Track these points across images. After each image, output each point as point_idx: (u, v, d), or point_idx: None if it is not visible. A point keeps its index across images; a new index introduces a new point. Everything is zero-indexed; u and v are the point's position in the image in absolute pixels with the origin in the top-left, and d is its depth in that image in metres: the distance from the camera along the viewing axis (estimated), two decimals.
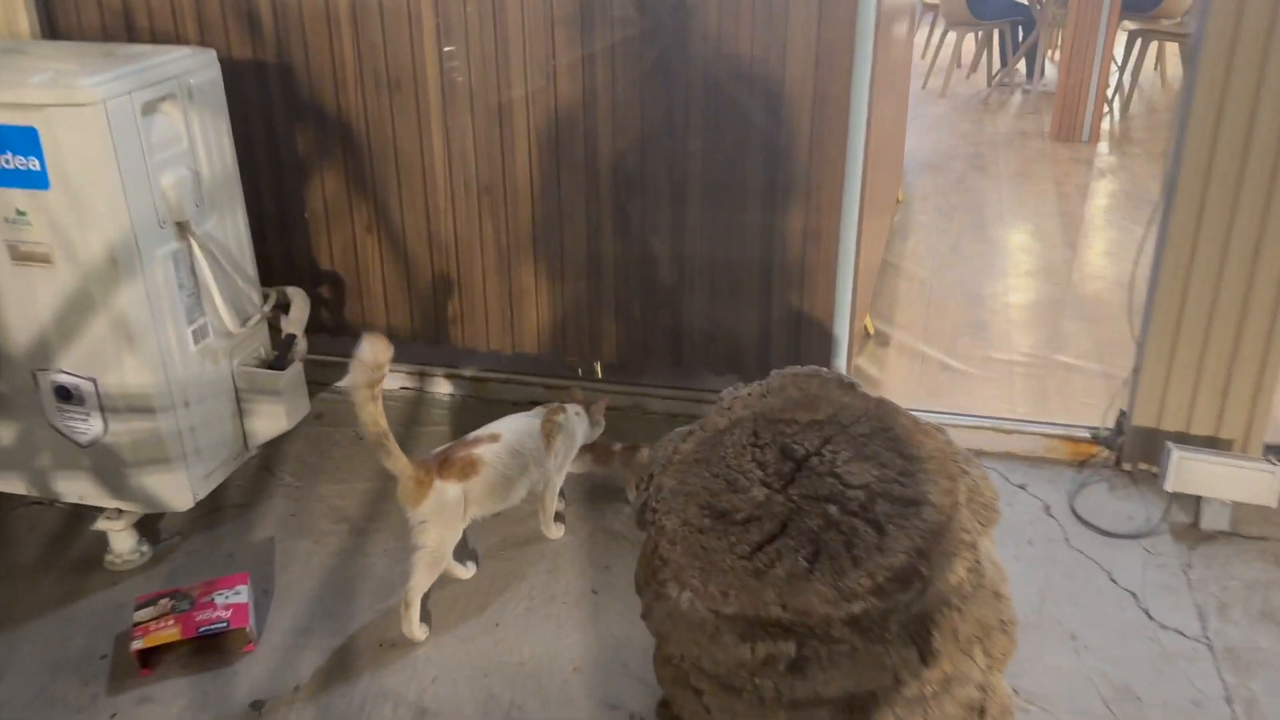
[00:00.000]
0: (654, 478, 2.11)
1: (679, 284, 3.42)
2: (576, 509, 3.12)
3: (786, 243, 3.28)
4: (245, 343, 3.06)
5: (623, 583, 2.81)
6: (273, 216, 3.69)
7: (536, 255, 3.51)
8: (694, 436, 2.12)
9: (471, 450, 2.68)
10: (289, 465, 3.35)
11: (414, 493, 2.57)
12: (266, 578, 2.86)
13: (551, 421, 2.87)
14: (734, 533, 1.90)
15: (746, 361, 3.47)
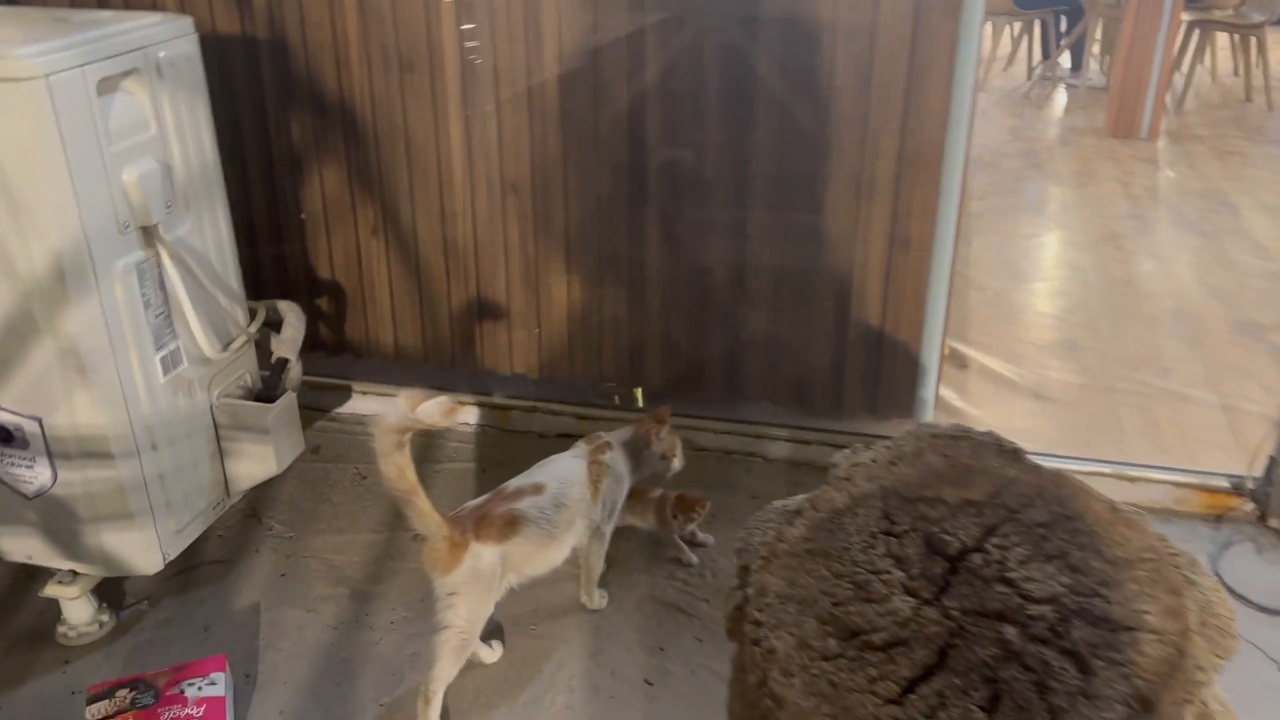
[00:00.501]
0: (749, 573, 1.61)
1: (737, 299, 2.92)
2: (618, 570, 2.61)
3: (868, 251, 2.77)
4: (227, 370, 2.56)
5: (683, 671, 2.31)
6: (263, 218, 3.19)
7: (570, 264, 3.01)
8: (803, 518, 1.62)
9: (512, 506, 2.19)
10: (279, 510, 2.85)
11: (445, 558, 2.08)
12: (249, 657, 2.36)
13: (597, 462, 2.37)
14: (874, 663, 1.40)
15: (815, 391, 2.97)
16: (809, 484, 2.94)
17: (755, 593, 1.54)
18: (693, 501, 2.56)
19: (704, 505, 2.57)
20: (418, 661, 2.34)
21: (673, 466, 2.51)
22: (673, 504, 2.55)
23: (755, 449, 3.02)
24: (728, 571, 2.58)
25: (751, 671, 1.47)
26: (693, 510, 2.55)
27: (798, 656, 1.44)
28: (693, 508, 2.56)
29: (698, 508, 2.56)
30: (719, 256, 2.89)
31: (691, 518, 2.57)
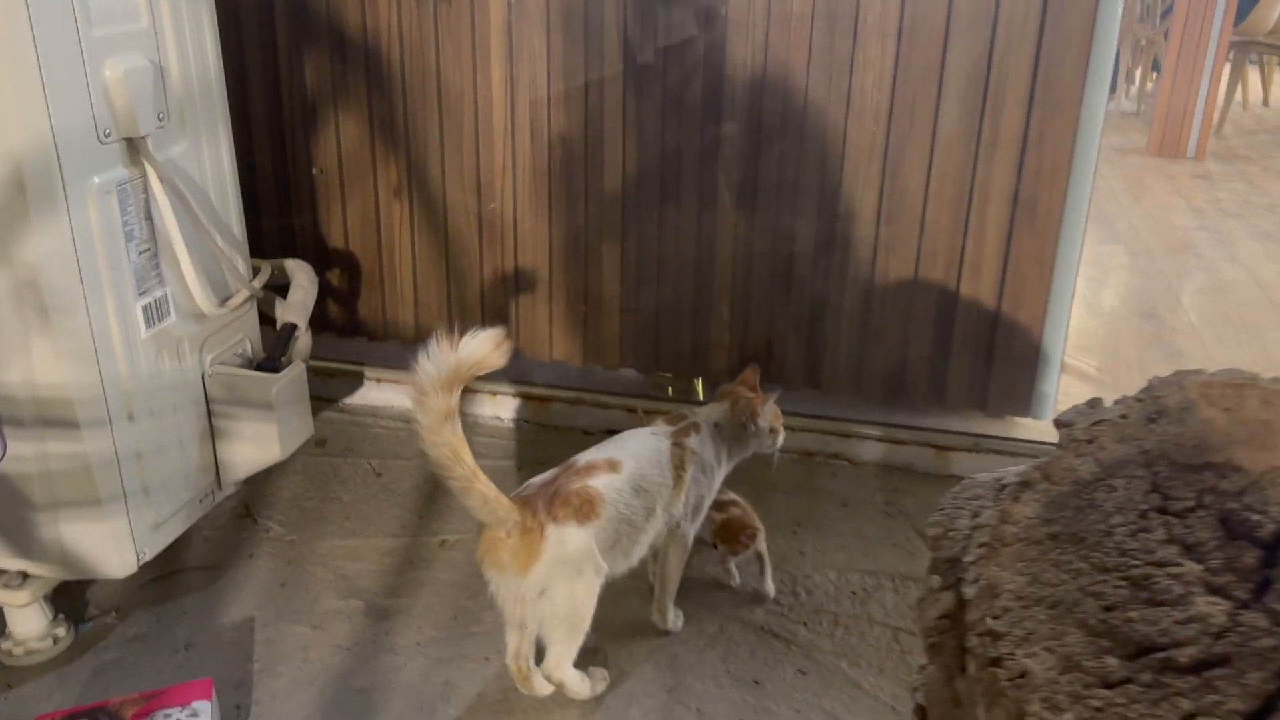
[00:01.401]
0: (960, 566, 1.16)
1: (819, 274, 2.49)
2: (691, 585, 2.16)
3: (985, 215, 2.35)
4: (223, 333, 2.10)
5: (786, 711, 1.84)
6: (269, 174, 2.75)
7: (625, 234, 2.58)
8: (1033, 492, 1.17)
9: (587, 482, 1.74)
10: (278, 510, 2.38)
11: (521, 551, 1.69)
12: (241, 685, 1.88)
13: (681, 445, 1.92)
14: (1183, 691, 0.96)
15: (912, 384, 2.53)
16: (908, 490, 2.51)
17: (980, 594, 1.09)
18: (737, 530, 2.05)
19: (753, 536, 2.06)
20: (452, 693, 1.87)
21: (778, 443, 2.07)
22: (717, 529, 2.08)
23: (841, 450, 2.58)
24: (824, 589, 2.13)
25: (992, 705, 1.02)
26: (735, 541, 2.06)
27: (1065, 683, 0.99)
28: (735, 538, 2.06)
29: (743, 539, 2.05)
30: (799, 223, 2.46)
31: (735, 550, 2.07)
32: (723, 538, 2.05)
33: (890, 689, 1.89)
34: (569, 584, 1.73)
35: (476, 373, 1.62)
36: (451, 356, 1.58)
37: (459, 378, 1.59)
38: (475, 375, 1.62)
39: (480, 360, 1.60)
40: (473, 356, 1.59)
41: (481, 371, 1.63)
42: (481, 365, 1.61)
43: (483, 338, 1.60)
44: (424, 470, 2.54)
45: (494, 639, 2.00)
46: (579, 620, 1.76)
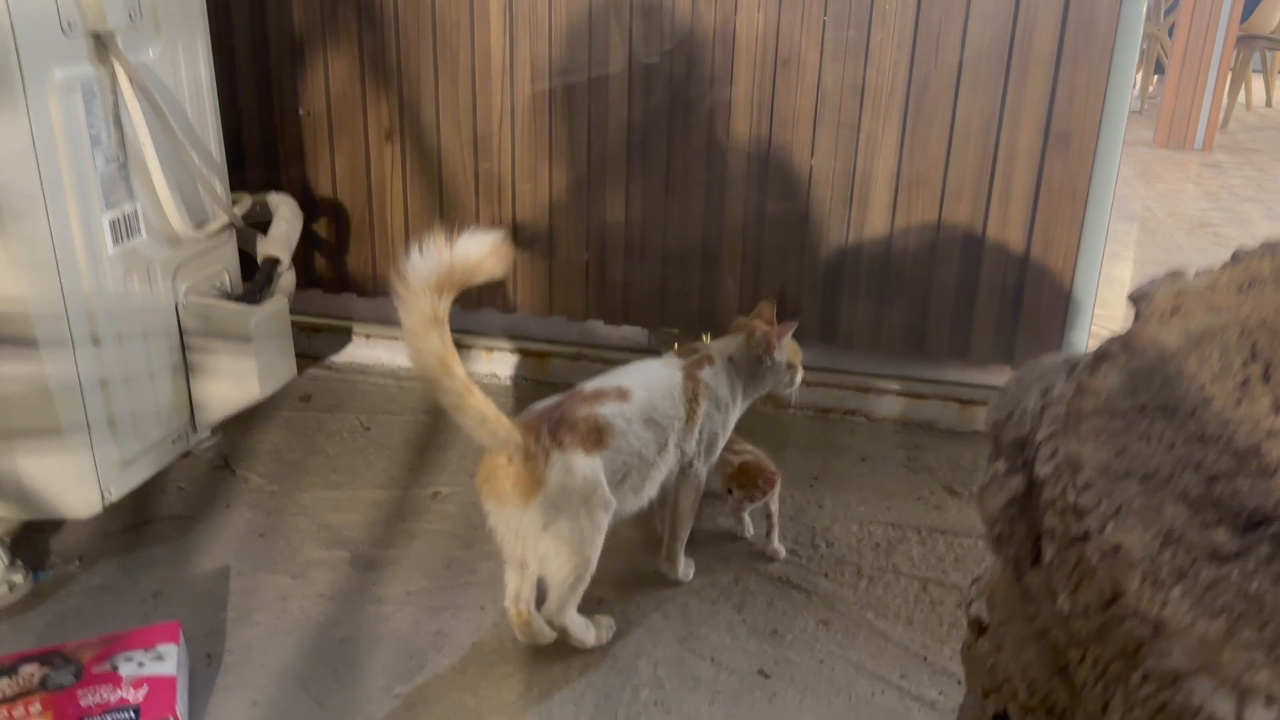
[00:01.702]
0: (1030, 447, 1.01)
1: (835, 219, 2.34)
2: (703, 536, 2.00)
3: (1014, 147, 2.21)
4: (200, 261, 1.96)
5: (808, 661, 1.69)
6: (252, 114, 2.60)
7: (630, 181, 2.43)
8: (1112, 364, 1.02)
9: (595, 409, 1.59)
10: (259, 462, 2.22)
11: (523, 478, 1.54)
12: (213, 633, 1.72)
13: (694, 378, 1.77)
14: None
15: (935, 334, 2.39)
16: (930, 446, 2.36)
17: (1058, 470, 0.94)
18: (755, 474, 1.89)
19: (772, 481, 1.89)
20: (445, 642, 1.71)
21: (797, 380, 1.92)
22: (734, 472, 1.92)
23: (858, 406, 2.43)
24: (845, 541, 1.97)
25: (1079, 587, 0.86)
26: (753, 486, 1.89)
27: (1168, 557, 0.84)
28: (753, 482, 1.89)
29: (761, 484, 1.89)
30: (815, 162, 2.32)
31: (752, 496, 1.90)
32: (740, 482, 1.90)
33: (921, 640, 1.73)
34: (574, 518, 1.57)
35: (472, 278, 1.47)
36: (445, 255, 1.43)
37: (452, 280, 1.44)
38: (470, 281, 1.47)
39: (476, 263, 1.46)
40: (468, 258, 1.45)
41: (477, 278, 1.48)
42: (477, 269, 1.46)
43: (481, 238, 1.46)
44: (417, 425, 2.38)
45: (491, 588, 1.84)
46: (584, 560, 1.60)
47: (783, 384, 1.91)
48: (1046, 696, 0.91)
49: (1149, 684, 0.77)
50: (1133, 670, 0.79)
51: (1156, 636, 0.78)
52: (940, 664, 1.68)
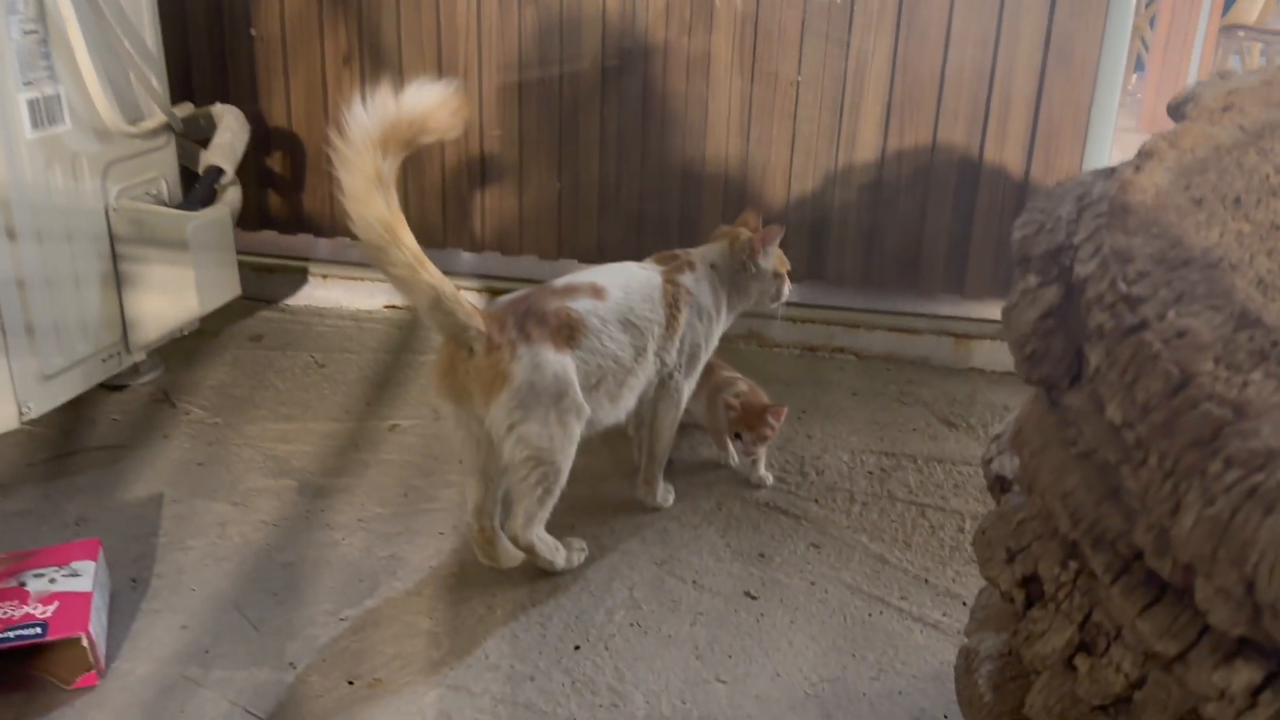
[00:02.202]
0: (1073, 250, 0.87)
1: (823, 146, 2.21)
2: (684, 465, 1.85)
3: (1012, 67, 2.09)
4: (134, 163, 1.79)
5: (799, 582, 1.54)
6: (200, 36, 2.44)
7: (605, 101, 2.29)
8: (1159, 162, 0.88)
9: (566, 303, 1.44)
10: (202, 396, 2.05)
11: (487, 372, 1.37)
12: (141, 558, 1.55)
13: (675, 283, 1.62)
14: None
15: (929, 267, 2.25)
16: (924, 382, 2.21)
17: (1105, 264, 0.80)
18: (760, 411, 1.72)
19: (779, 414, 1.73)
20: (399, 567, 1.55)
21: (784, 292, 1.77)
22: (735, 416, 1.73)
23: (847, 343, 2.29)
24: (836, 469, 1.83)
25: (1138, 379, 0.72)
26: (762, 424, 1.72)
27: (1245, 340, 0.70)
28: (762, 420, 1.71)
29: (770, 419, 1.72)
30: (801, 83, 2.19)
31: (763, 434, 1.72)
32: (748, 423, 1.71)
33: (921, 562, 1.59)
34: (543, 421, 1.41)
35: (421, 135, 1.32)
36: (391, 107, 1.28)
37: (397, 136, 1.29)
38: (419, 139, 1.32)
39: (425, 117, 1.31)
40: (416, 110, 1.30)
41: (427, 135, 1.33)
42: (426, 125, 1.31)
43: (431, 88, 1.30)
44: (376, 362, 2.22)
45: (453, 514, 1.68)
46: (554, 468, 1.44)
47: (769, 295, 1.76)
48: (1094, 524, 0.76)
49: (1234, 469, 0.62)
50: (1210, 460, 0.64)
51: (1240, 418, 0.64)
52: (943, 586, 1.53)
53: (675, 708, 1.29)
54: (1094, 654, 0.83)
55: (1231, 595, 0.62)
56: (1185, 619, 0.72)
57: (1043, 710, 0.88)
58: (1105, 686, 0.82)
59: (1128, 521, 0.75)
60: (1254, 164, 0.86)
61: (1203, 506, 0.63)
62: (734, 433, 1.75)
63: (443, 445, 1.88)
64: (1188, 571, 0.66)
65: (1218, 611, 0.64)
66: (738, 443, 1.76)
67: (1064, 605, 0.86)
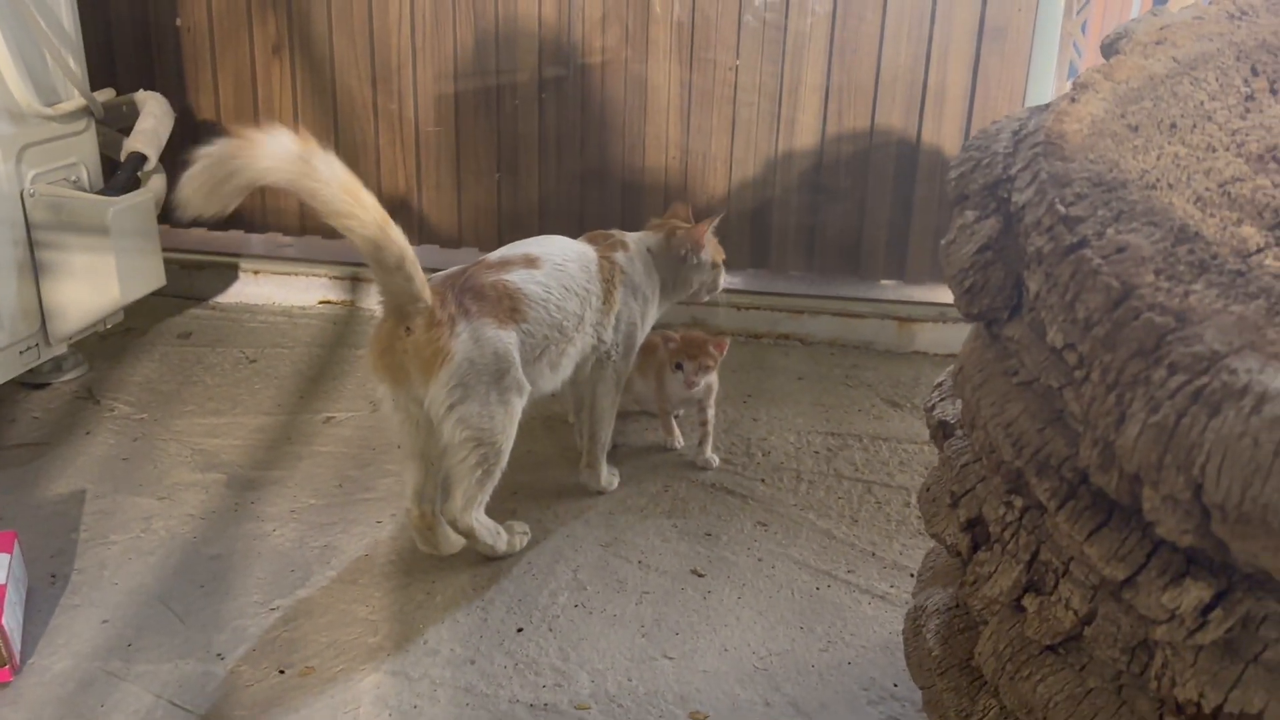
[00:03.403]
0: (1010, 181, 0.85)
1: (763, 130, 2.20)
2: (628, 450, 1.82)
3: (947, 44, 2.10)
4: (52, 148, 1.73)
5: (746, 559, 1.51)
6: (123, 23, 2.37)
7: (544, 86, 2.26)
8: (1095, 93, 0.87)
9: (504, 277, 1.40)
10: (128, 392, 1.98)
11: (426, 349, 1.33)
12: (61, 554, 1.48)
13: (610, 260, 1.60)
14: None
15: (869, 250, 2.25)
16: (869, 365, 2.19)
17: (1042, 189, 0.78)
18: (703, 341, 1.71)
19: (722, 346, 1.72)
20: (333, 556, 1.50)
21: (720, 282, 1.75)
22: (678, 346, 1.71)
23: (793, 330, 2.27)
24: (783, 449, 1.81)
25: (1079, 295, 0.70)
26: (703, 352, 1.70)
27: (1184, 253, 0.68)
28: (704, 349, 1.69)
29: (710, 349, 1.70)
30: (741, 68, 2.18)
31: (705, 364, 1.70)
32: (688, 353, 1.68)
33: (868, 536, 1.57)
34: (484, 400, 1.37)
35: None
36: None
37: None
38: None
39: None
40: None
41: None
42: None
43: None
44: (310, 356, 2.16)
45: (390, 503, 1.63)
46: (495, 449, 1.40)
47: (705, 287, 1.75)
48: (1039, 451, 0.74)
49: (1178, 375, 0.61)
50: (1154, 368, 0.62)
51: (1182, 324, 0.62)
52: (891, 558, 1.51)
53: (621, 685, 1.25)
54: (1042, 593, 0.82)
55: (1179, 501, 0.60)
56: (1133, 541, 0.70)
57: (992, 657, 0.86)
58: (1055, 625, 0.80)
59: (1071, 445, 0.73)
60: (1188, 92, 0.85)
61: (1148, 414, 0.62)
62: (675, 363, 1.70)
63: (380, 435, 1.83)
64: (1134, 483, 0.64)
65: (1166, 520, 0.62)
66: (678, 374, 1.70)
67: (1010, 545, 0.84)
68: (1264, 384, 0.58)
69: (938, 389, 1.02)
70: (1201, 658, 0.69)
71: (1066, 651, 0.82)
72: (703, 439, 1.77)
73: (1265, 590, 0.66)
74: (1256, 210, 0.71)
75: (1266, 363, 0.59)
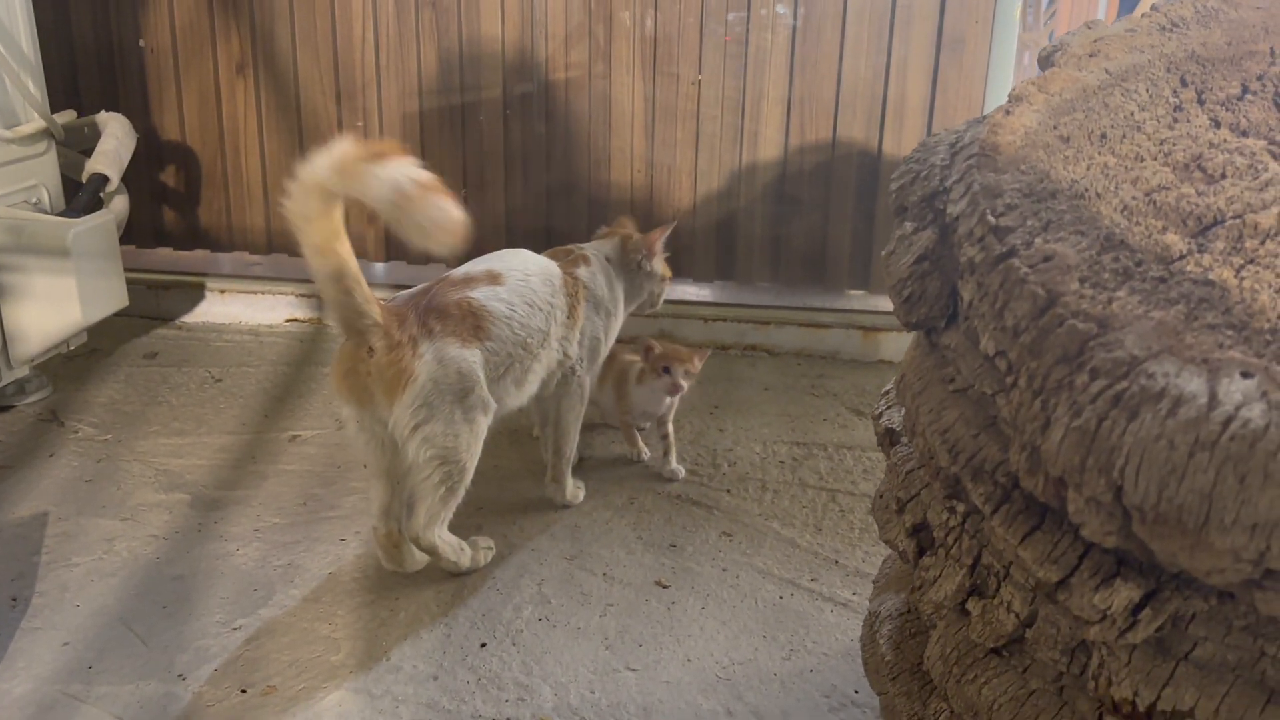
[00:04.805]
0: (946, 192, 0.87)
1: (726, 142, 2.22)
2: (593, 462, 1.83)
3: (906, 56, 2.12)
4: (11, 171, 1.72)
5: (710, 569, 1.52)
6: (87, 47, 2.37)
7: (508, 103, 2.27)
8: (1029, 105, 0.89)
9: (467, 294, 1.41)
10: (92, 414, 1.97)
11: (389, 371, 1.34)
12: (21, 577, 1.48)
13: (573, 276, 1.61)
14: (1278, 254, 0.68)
15: (833, 260, 2.27)
16: (834, 375, 2.21)
17: (975, 200, 0.80)
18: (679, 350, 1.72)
19: (704, 353, 1.76)
20: (296, 574, 1.50)
21: (664, 295, 1.79)
22: (659, 355, 1.72)
23: (759, 341, 2.29)
24: (748, 460, 1.82)
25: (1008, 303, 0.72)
26: (684, 360, 1.70)
27: (1109, 261, 0.70)
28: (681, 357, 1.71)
29: (694, 358, 1.72)
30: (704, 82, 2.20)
31: (689, 369, 1.71)
32: (679, 357, 1.70)
33: (832, 545, 1.58)
34: (448, 420, 1.37)
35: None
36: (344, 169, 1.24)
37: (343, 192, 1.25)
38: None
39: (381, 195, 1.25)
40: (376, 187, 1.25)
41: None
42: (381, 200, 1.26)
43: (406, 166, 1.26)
44: (276, 375, 2.16)
45: (355, 521, 1.63)
46: (459, 467, 1.40)
47: (654, 296, 1.77)
48: (973, 456, 0.75)
49: (1099, 379, 0.62)
50: (1077, 373, 0.64)
51: (1104, 330, 0.64)
52: (853, 566, 1.52)
53: (584, 698, 1.26)
54: (985, 596, 0.83)
55: (1102, 504, 0.62)
56: (1065, 544, 0.72)
57: (940, 660, 0.88)
58: (997, 628, 0.81)
59: (1004, 450, 0.75)
60: (1119, 103, 0.87)
61: (1070, 418, 0.63)
62: (662, 367, 1.70)
63: (345, 454, 1.83)
64: (1060, 486, 0.65)
65: (1090, 522, 0.63)
66: (666, 378, 1.70)
67: (953, 550, 0.85)
68: (1180, 387, 0.59)
69: (884, 397, 1.03)
70: (1135, 657, 0.70)
71: (1010, 654, 0.83)
72: (666, 450, 1.78)
73: (1193, 589, 0.67)
74: (1180, 218, 0.73)
75: (1183, 367, 0.60)
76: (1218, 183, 0.75)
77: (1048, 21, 7.08)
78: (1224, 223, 0.72)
